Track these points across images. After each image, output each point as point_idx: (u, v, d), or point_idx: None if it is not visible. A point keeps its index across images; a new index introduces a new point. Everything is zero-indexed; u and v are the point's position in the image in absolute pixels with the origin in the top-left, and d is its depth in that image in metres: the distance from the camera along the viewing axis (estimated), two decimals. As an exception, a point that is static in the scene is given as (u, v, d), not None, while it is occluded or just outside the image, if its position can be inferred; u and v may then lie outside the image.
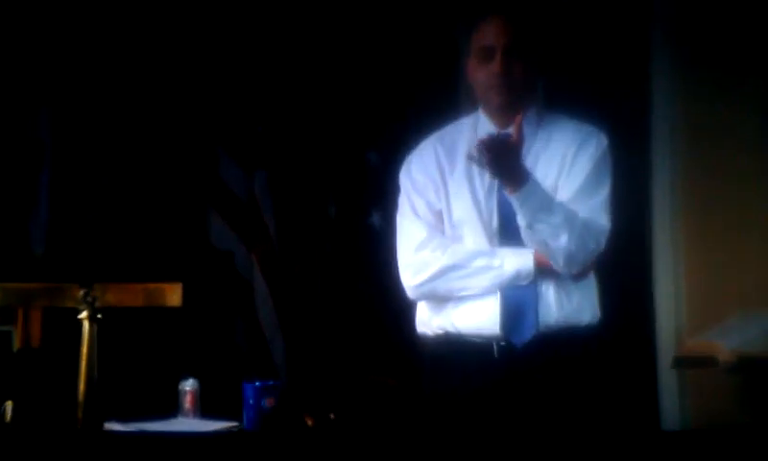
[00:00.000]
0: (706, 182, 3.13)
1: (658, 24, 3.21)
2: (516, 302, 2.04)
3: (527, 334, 2.03)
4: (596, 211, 2.05)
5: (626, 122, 3.11)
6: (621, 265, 2.73)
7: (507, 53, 2.07)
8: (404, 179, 2.18)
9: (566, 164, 2.08)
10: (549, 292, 2.04)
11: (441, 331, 2.10)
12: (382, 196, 3.35)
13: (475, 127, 2.15)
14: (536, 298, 2.03)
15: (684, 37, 3.14)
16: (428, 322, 2.14)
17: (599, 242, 2.05)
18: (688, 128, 3.16)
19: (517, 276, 2.04)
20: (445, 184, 2.12)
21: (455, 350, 2.08)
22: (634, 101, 3.25)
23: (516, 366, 2.03)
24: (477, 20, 2.12)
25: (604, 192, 2.07)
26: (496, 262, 2.04)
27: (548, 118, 2.15)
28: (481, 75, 2.10)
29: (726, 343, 2.82)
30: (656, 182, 3.21)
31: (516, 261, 2.04)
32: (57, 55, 3.42)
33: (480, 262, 2.05)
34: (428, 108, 3.36)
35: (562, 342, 2.04)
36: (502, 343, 2.04)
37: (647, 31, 3.23)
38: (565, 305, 2.05)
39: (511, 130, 2.10)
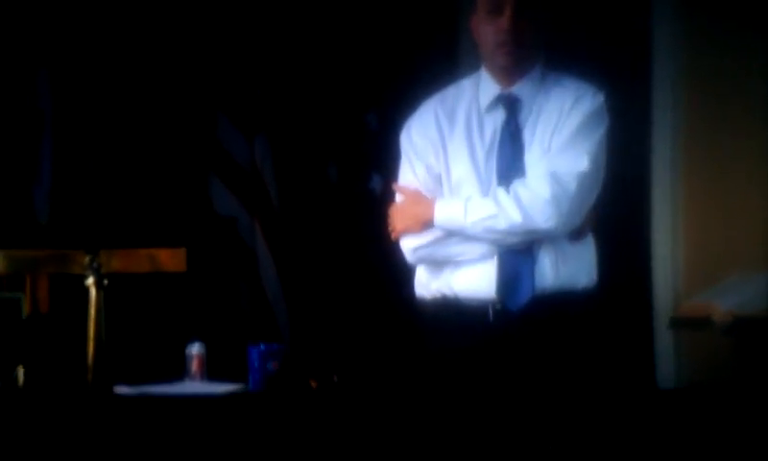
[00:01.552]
0: (705, 143, 3.12)
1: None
2: (513, 266, 2.04)
3: (523, 298, 2.03)
4: (573, 158, 2.03)
5: (627, 79, 3.10)
6: (619, 226, 2.74)
7: (517, 8, 2.04)
8: (404, 142, 2.17)
9: (561, 120, 2.06)
10: (546, 256, 2.04)
11: (438, 295, 2.11)
12: (382, 159, 3.37)
13: (477, 86, 2.13)
14: (532, 262, 2.04)
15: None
16: (426, 285, 2.14)
17: (566, 186, 2.01)
18: (690, 87, 3.14)
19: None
20: (445, 146, 2.11)
21: (452, 313, 2.08)
22: (634, 56, 3.23)
23: (512, 329, 2.04)
24: None
25: (587, 143, 2.04)
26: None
27: (550, 77, 2.12)
28: (489, 30, 2.06)
29: (722, 304, 2.84)
30: (655, 144, 3.20)
31: None
32: (55, 21, 3.41)
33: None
34: (428, 69, 3.35)
35: (557, 305, 2.04)
36: (498, 306, 2.04)
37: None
38: (561, 269, 2.04)
39: (514, 89, 2.09)
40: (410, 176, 2.15)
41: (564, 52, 2.20)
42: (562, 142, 2.05)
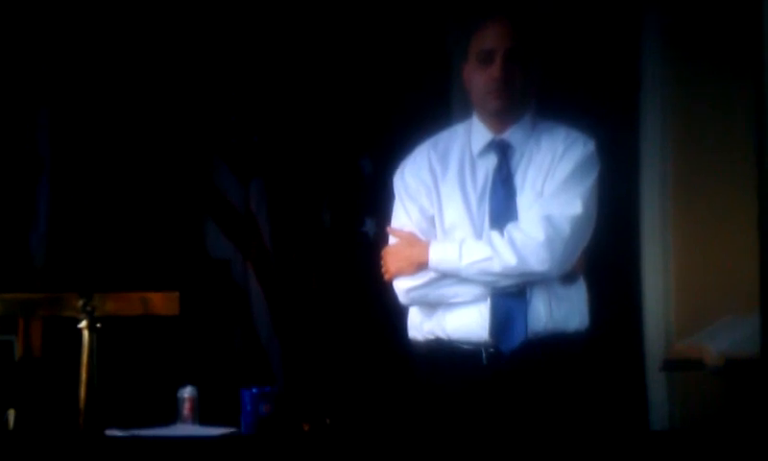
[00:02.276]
0: (695, 186, 3.15)
1: (648, 20, 3.23)
2: (506, 309, 2.06)
3: (515, 341, 2.05)
4: (566, 202, 2.06)
5: (615, 126, 3.14)
6: (611, 270, 2.76)
7: (507, 57, 2.07)
8: (398, 184, 2.20)
9: (553, 165, 2.10)
10: (538, 299, 2.06)
11: (431, 336, 2.12)
12: (375, 204, 3.39)
13: (469, 133, 2.17)
14: (525, 305, 2.05)
15: (674, 36, 3.17)
16: (419, 327, 2.15)
17: (560, 229, 2.03)
18: (678, 131, 3.19)
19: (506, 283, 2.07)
20: (438, 189, 2.14)
21: (445, 355, 2.09)
22: (623, 105, 3.28)
23: (505, 372, 2.05)
24: (477, 23, 2.12)
25: (580, 188, 2.08)
26: None
27: (541, 125, 2.16)
28: (480, 79, 2.10)
29: (714, 346, 2.85)
30: (644, 188, 3.23)
31: None
32: (54, 67, 3.46)
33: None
34: (421, 115, 3.39)
35: (550, 348, 2.06)
36: (491, 349, 2.06)
37: (638, 28, 3.26)
38: (555, 313, 2.06)
39: (505, 135, 2.12)
40: (403, 218, 2.18)
41: (554, 102, 2.23)
42: (555, 187, 2.08)
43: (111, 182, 3.53)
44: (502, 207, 2.09)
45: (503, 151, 2.13)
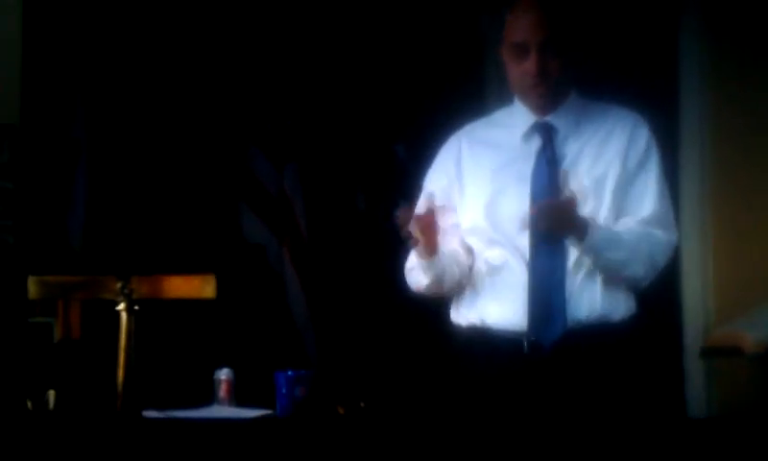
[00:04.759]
0: (735, 171, 3.11)
1: (687, 9, 3.19)
2: (545, 299, 2.00)
3: (556, 331, 1.99)
4: (668, 225, 2.06)
5: (654, 109, 3.10)
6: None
7: (542, 50, 1.99)
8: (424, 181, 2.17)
9: (631, 161, 2.03)
10: (581, 287, 2.00)
11: (471, 324, 2.08)
12: (409, 188, 3.38)
13: (510, 117, 2.10)
14: (564, 295, 1.99)
15: (713, 15, 3.12)
16: (461, 313, 2.11)
17: (666, 256, 2.06)
18: (718, 116, 3.14)
19: None
20: (461, 181, 2.08)
21: (484, 343, 2.04)
22: (662, 89, 3.23)
23: (546, 360, 1.99)
24: (508, 8, 2.04)
25: (669, 200, 2.08)
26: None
27: (590, 106, 2.09)
28: (516, 71, 2.03)
29: (752, 333, 2.81)
30: (684, 171, 3.19)
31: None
32: (92, 54, 3.49)
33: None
34: (454, 100, 3.38)
35: (593, 337, 2.00)
36: (532, 338, 2.00)
37: (676, 16, 3.22)
38: (599, 300, 2.00)
39: (549, 118, 2.07)
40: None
41: (589, 84, 2.19)
42: (656, 187, 2.05)
43: (149, 168, 3.56)
44: (544, 187, 2.01)
45: (548, 133, 2.06)
